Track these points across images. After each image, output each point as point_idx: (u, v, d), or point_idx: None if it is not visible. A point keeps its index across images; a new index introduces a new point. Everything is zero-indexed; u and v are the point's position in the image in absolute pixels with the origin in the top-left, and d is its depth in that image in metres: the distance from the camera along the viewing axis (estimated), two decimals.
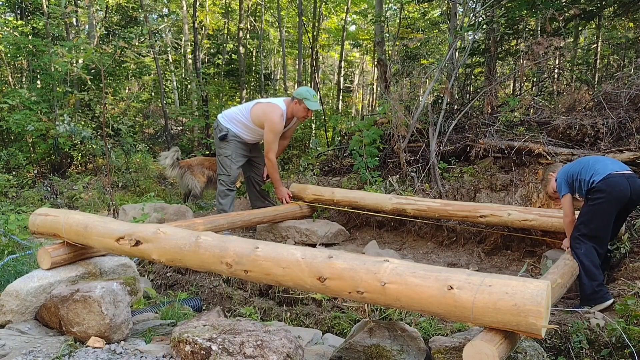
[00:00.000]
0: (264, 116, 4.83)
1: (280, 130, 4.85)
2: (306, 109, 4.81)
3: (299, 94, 4.81)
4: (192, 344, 2.20)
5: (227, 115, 5.09)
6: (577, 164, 3.36)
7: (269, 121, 4.79)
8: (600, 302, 3.04)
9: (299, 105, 4.82)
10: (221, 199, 5.08)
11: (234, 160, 5.04)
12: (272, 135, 4.80)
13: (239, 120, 4.98)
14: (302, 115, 4.89)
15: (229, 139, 4.98)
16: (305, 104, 4.76)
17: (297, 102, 4.81)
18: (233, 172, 5.05)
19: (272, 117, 4.79)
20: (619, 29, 8.64)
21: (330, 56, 19.50)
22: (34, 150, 10.65)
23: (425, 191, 5.21)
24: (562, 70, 7.38)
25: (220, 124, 5.05)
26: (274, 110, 4.81)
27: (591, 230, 3.13)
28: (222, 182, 5.08)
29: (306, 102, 4.76)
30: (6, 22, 11.95)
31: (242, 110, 5.01)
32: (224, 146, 5.03)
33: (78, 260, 3.23)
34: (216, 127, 5.13)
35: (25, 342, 2.57)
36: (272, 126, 4.78)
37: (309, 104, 4.76)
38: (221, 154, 5.06)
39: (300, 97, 4.78)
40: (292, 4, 15.72)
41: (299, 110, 4.84)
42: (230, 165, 5.03)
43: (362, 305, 3.42)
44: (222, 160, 5.06)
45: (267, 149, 4.83)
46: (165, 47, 14.58)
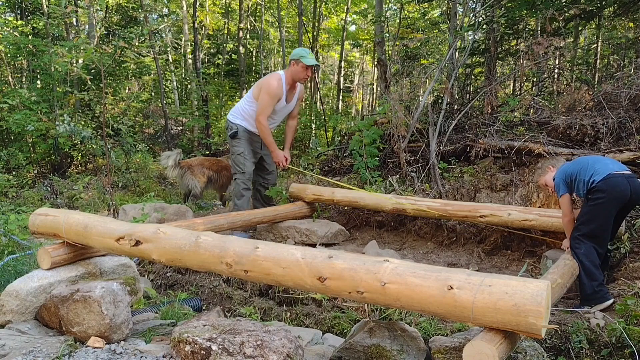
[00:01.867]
0: (262, 83, 4.74)
1: (277, 95, 4.68)
2: (305, 67, 4.66)
3: (294, 55, 4.69)
4: (192, 344, 2.20)
5: (233, 111, 5.02)
6: (576, 164, 3.35)
7: (265, 84, 4.69)
8: (600, 302, 3.04)
9: (296, 66, 4.67)
10: (237, 200, 4.97)
11: (246, 157, 4.94)
12: (267, 97, 4.65)
13: (244, 110, 4.89)
14: (302, 76, 4.74)
15: (239, 135, 4.89)
16: (302, 61, 4.63)
17: (294, 63, 4.67)
18: (247, 168, 4.94)
19: (268, 80, 4.70)
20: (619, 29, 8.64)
21: (330, 56, 19.49)
22: (34, 150, 10.65)
23: (425, 191, 5.21)
24: (562, 70, 7.37)
25: (230, 122, 4.98)
26: (271, 75, 4.78)
27: (591, 230, 3.13)
28: (238, 181, 4.97)
29: (303, 59, 4.63)
30: (6, 22, 11.94)
31: (245, 98, 4.96)
32: (235, 144, 4.94)
33: (78, 260, 3.23)
34: (227, 126, 5.07)
35: (25, 342, 2.57)
36: (268, 88, 4.65)
37: (306, 60, 4.63)
38: (234, 152, 4.98)
39: (296, 56, 4.65)
40: (292, 4, 15.72)
41: (298, 71, 4.69)
42: (243, 162, 4.92)
43: (362, 305, 3.42)
44: (235, 158, 4.97)
45: (260, 111, 4.67)
46: (165, 47, 14.58)
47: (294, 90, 4.92)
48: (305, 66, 4.66)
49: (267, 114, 4.68)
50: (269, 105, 4.65)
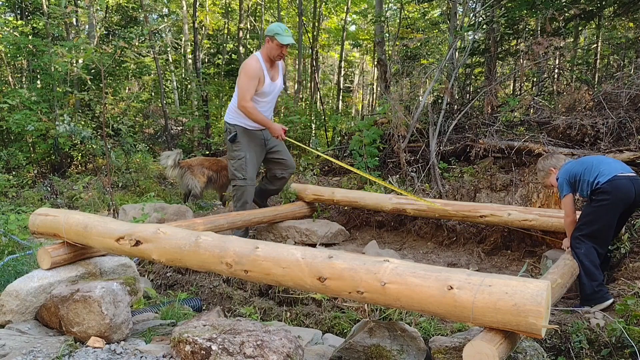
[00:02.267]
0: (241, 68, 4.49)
1: (255, 74, 4.37)
2: (279, 45, 4.36)
3: (268, 31, 4.40)
4: (192, 344, 2.20)
5: (228, 111, 4.73)
6: (580, 163, 3.33)
7: (243, 66, 4.43)
8: (600, 302, 3.04)
9: (271, 43, 4.39)
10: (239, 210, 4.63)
11: (249, 161, 4.59)
12: (244, 78, 4.35)
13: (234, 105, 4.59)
14: (276, 54, 4.43)
15: (239, 138, 4.56)
16: (278, 39, 4.33)
17: (269, 39, 4.39)
18: (250, 174, 4.59)
19: (246, 62, 4.46)
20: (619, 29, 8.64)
21: (330, 56, 19.49)
22: (34, 150, 10.65)
23: (425, 191, 5.21)
24: (562, 70, 7.37)
25: (227, 124, 4.67)
26: (250, 57, 4.53)
27: (593, 231, 3.12)
28: (239, 189, 4.63)
29: (278, 37, 4.33)
30: (6, 22, 11.94)
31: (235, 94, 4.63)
32: (236, 148, 4.60)
33: (78, 260, 3.23)
34: (225, 129, 4.74)
35: (25, 342, 2.57)
36: (245, 68, 4.38)
37: (281, 38, 4.33)
38: (234, 157, 4.61)
39: (271, 33, 4.36)
40: (292, 4, 15.72)
41: (273, 48, 4.39)
42: (245, 168, 4.56)
43: (362, 305, 3.42)
44: (236, 164, 4.60)
45: (241, 95, 4.36)
46: (165, 47, 14.58)
47: (276, 68, 4.61)
48: (280, 44, 4.37)
49: (250, 96, 4.37)
50: (249, 87, 4.35)
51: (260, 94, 4.48)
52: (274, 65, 4.56)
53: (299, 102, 12.74)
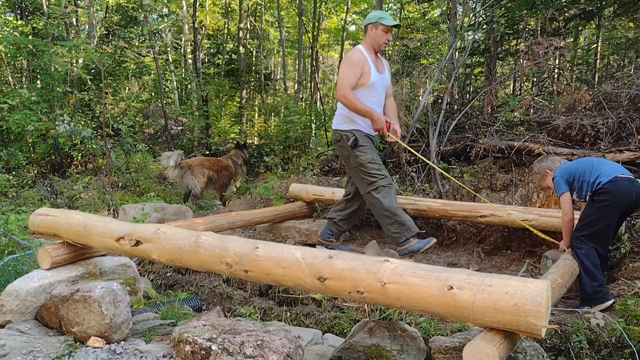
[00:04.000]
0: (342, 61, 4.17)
1: (359, 62, 4.01)
2: (385, 30, 4.03)
3: (370, 19, 4.07)
4: (192, 344, 2.20)
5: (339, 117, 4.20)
6: (578, 164, 3.33)
7: (345, 57, 4.13)
8: (600, 302, 3.04)
9: (375, 30, 4.04)
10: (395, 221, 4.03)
11: (377, 160, 4.13)
12: (346, 65, 4.00)
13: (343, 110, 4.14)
14: (382, 40, 4.07)
15: (361, 142, 4.09)
16: (383, 22, 4.00)
17: (372, 27, 4.06)
18: (385, 171, 4.15)
19: (348, 55, 4.13)
20: (619, 29, 8.64)
21: (330, 56, 19.48)
22: (34, 150, 10.66)
23: (425, 191, 5.21)
24: (562, 70, 7.37)
25: (342, 132, 4.15)
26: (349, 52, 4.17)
27: (595, 231, 3.11)
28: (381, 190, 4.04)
29: (382, 20, 4.01)
30: (6, 22, 11.95)
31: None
32: (360, 153, 4.08)
33: (78, 260, 3.23)
34: (339, 139, 4.17)
35: (25, 342, 2.57)
36: (348, 58, 4.05)
37: (386, 21, 4.01)
38: (362, 162, 4.07)
39: (374, 19, 4.04)
40: (292, 4, 15.72)
41: (378, 35, 4.04)
42: (379, 168, 4.09)
43: (362, 305, 3.42)
44: (367, 168, 4.06)
45: (340, 84, 3.97)
46: (165, 47, 14.59)
47: (380, 61, 4.24)
48: (387, 28, 4.03)
49: (351, 85, 3.96)
50: (350, 76, 3.96)
51: (368, 86, 4.05)
52: (377, 58, 4.22)
53: (299, 102, 12.75)
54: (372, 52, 4.11)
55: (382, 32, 4.06)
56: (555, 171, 3.39)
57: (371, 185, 4.05)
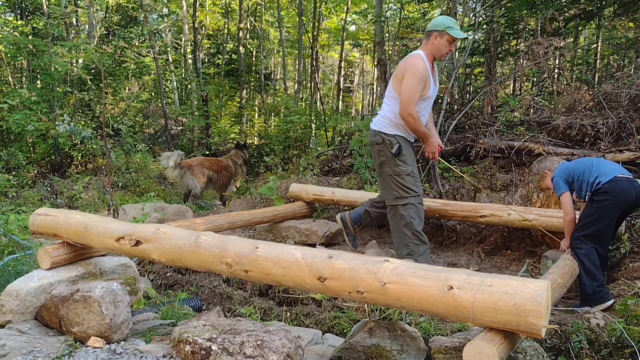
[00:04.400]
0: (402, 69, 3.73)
1: (424, 76, 3.68)
2: (450, 41, 3.70)
3: (437, 25, 3.70)
4: (192, 344, 2.20)
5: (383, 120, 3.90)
6: (578, 163, 3.33)
7: (408, 67, 3.68)
8: (600, 302, 3.04)
9: (440, 39, 3.69)
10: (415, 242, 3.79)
11: (416, 175, 3.86)
12: (414, 79, 3.62)
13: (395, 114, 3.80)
14: (446, 51, 3.76)
15: (404, 151, 3.81)
16: (450, 33, 3.66)
17: (437, 35, 3.69)
18: (420, 188, 3.87)
19: (410, 62, 3.71)
20: (619, 29, 8.64)
21: (330, 56, 19.49)
22: (34, 150, 10.67)
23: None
24: (562, 70, 7.38)
25: (385, 135, 3.83)
26: (410, 57, 3.77)
27: (595, 231, 3.11)
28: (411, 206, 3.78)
29: (450, 31, 3.66)
30: (6, 22, 11.96)
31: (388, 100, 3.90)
32: (400, 163, 3.79)
33: (78, 260, 3.23)
34: (381, 141, 3.85)
35: (25, 342, 2.57)
36: (413, 69, 3.64)
37: (455, 32, 3.67)
38: (400, 172, 3.79)
39: (440, 27, 3.68)
40: (292, 4, 15.73)
41: (442, 45, 3.70)
42: (415, 183, 3.82)
43: (362, 305, 3.42)
44: (405, 180, 3.79)
45: (407, 99, 3.61)
46: (165, 47, 14.59)
47: (434, 71, 3.91)
48: (453, 39, 3.70)
49: (416, 102, 3.65)
50: (417, 91, 3.64)
51: (425, 99, 3.79)
52: (433, 67, 3.90)
53: (299, 102, 12.75)
54: (430, 61, 3.79)
55: (447, 42, 3.72)
56: (554, 172, 3.39)
57: (400, 200, 3.80)
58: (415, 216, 3.79)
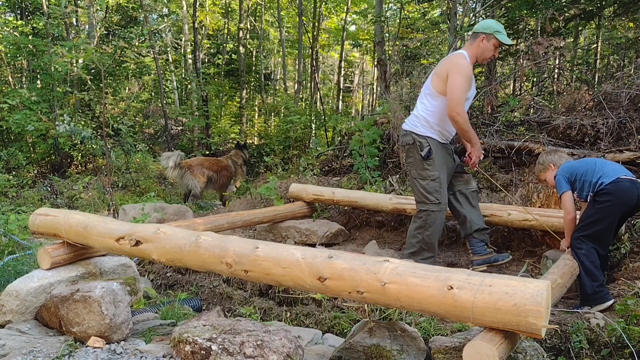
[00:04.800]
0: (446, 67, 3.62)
1: (470, 77, 3.62)
2: (497, 45, 3.64)
3: (485, 28, 3.62)
4: (192, 344, 2.20)
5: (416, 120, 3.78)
6: (581, 163, 3.33)
7: (453, 65, 3.59)
8: (600, 302, 3.04)
9: (486, 42, 3.62)
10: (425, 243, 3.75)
11: (442, 183, 3.72)
12: (461, 79, 3.52)
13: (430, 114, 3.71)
14: (490, 55, 3.69)
15: (434, 154, 3.69)
16: (498, 38, 3.59)
17: (484, 38, 3.61)
18: (444, 198, 3.74)
19: (455, 61, 3.63)
20: (619, 29, 8.64)
21: (330, 56, 19.49)
22: (34, 150, 10.67)
23: None
24: (562, 70, 7.37)
25: (416, 136, 3.72)
26: (454, 56, 3.71)
27: (595, 232, 3.11)
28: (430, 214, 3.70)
29: (499, 35, 3.59)
30: (6, 22, 11.96)
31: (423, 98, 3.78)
32: (429, 166, 3.69)
33: (78, 260, 3.23)
34: (411, 142, 3.74)
35: (25, 342, 2.57)
36: (459, 69, 3.55)
37: (503, 37, 3.61)
38: (426, 176, 3.70)
39: (489, 30, 3.60)
40: (292, 4, 15.73)
41: (488, 48, 3.63)
42: (439, 190, 3.70)
43: (362, 305, 3.42)
44: (429, 185, 3.69)
45: (456, 100, 3.49)
46: (165, 47, 14.59)
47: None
48: (499, 44, 3.65)
49: (464, 101, 3.56)
50: (464, 90, 3.54)
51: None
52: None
53: (299, 102, 12.75)
54: (472, 62, 3.71)
55: (493, 46, 3.66)
56: (558, 168, 3.38)
57: (421, 204, 3.75)
58: (432, 223, 3.71)
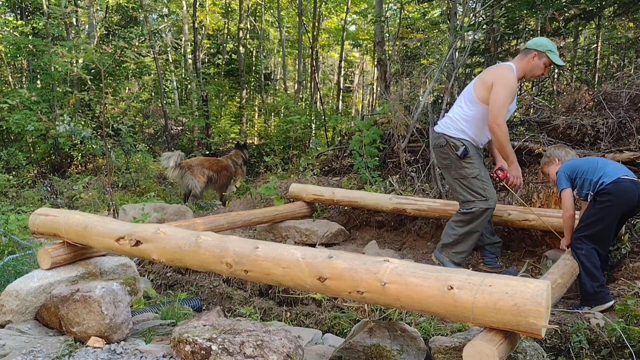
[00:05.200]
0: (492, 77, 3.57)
1: (514, 91, 3.60)
2: (548, 64, 3.60)
3: (539, 45, 3.57)
4: (192, 344, 2.20)
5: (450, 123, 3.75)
6: (584, 161, 3.33)
7: (500, 76, 3.54)
8: (601, 303, 3.04)
9: (537, 60, 3.57)
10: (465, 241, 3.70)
11: (485, 179, 3.68)
12: (506, 92, 3.48)
13: (466, 119, 3.69)
14: (539, 73, 3.66)
15: (470, 153, 3.67)
16: (551, 58, 3.55)
17: (536, 55, 3.56)
18: (491, 193, 3.69)
19: (501, 72, 3.58)
20: (619, 29, 8.64)
21: (330, 56, 19.50)
22: (34, 150, 10.67)
23: (425, 191, 5.21)
24: (562, 70, 7.38)
25: (451, 139, 3.69)
26: (502, 67, 3.65)
27: (595, 232, 3.11)
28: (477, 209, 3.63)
29: (551, 55, 3.54)
30: (6, 22, 11.96)
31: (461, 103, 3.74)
32: (467, 165, 3.67)
33: (78, 260, 3.23)
34: (444, 144, 3.72)
35: (25, 342, 2.57)
36: (506, 81, 3.50)
37: (556, 58, 3.55)
38: (466, 175, 3.67)
39: (542, 48, 3.55)
40: (292, 4, 15.73)
41: (538, 66, 3.59)
42: (483, 187, 3.65)
43: (362, 305, 3.42)
44: (471, 183, 3.66)
45: (497, 110, 3.45)
46: (165, 47, 14.59)
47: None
48: (550, 63, 3.61)
49: (505, 114, 3.52)
50: (507, 103, 3.50)
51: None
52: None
53: (299, 102, 12.75)
54: (519, 77, 3.68)
55: (544, 65, 3.61)
56: (562, 163, 3.38)
57: (467, 204, 3.68)
58: (477, 218, 3.65)
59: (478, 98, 3.62)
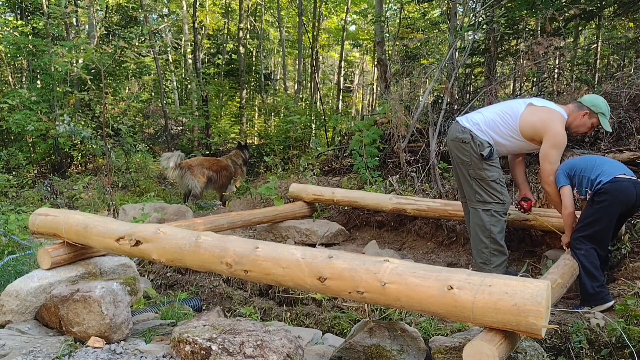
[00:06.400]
0: (543, 126, 3.47)
1: (564, 145, 3.51)
2: (595, 125, 3.54)
3: (595, 106, 3.48)
4: (192, 344, 2.20)
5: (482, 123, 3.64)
6: (582, 160, 3.34)
7: (552, 132, 3.44)
8: (601, 303, 3.04)
9: (587, 118, 3.50)
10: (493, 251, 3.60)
11: (502, 183, 3.65)
12: (555, 152, 3.44)
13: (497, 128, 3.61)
14: (582, 131, 3.61)
15: (495, 156, 3.61)
16: (600, 120, 3.48)
17: (587, 114, 3.49)
18: (507, 197, 3.66)
19: (555, 127, 3.44)
20: (619, 29, 8.64)
21: (330, 56, 19.50)
22: (34, 150, 10.66)
23: (425, 191, 5.21)
24: (562, 70, 7.37)
25: (477, 137, 3.59)
26: (555, 118, 3.49)
27: (594, 232, 3.11)
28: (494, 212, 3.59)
29: (602, 118, 3.47)
30: (6, 22, 11.96)
31: (504, 117, 3.61)
32: (488, 167, 3.58)
33: (78, 260, 3.23)
34: (469, 140, 3.59)
35: (25, 342, 2.57)
36: (557, 140, 3.43)
37: (604, 122, 3.48)
38: (487, 177, 3.58)
39: (596, 108, 3.47)
40: (292, 4, 15.73)
41: (585, 125, 3.53)
42: (501, 191, 3.61)
43: (362, 305, 3.42)
44: (489, 185, 3.59)
45: (549, 170, 3.41)
46: (165, 47, 14.58)
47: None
48: (597, 124, 3.53)
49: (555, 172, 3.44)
50: (556, 162, 3.46)
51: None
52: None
53: (299, 102, 12.75)
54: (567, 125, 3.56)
55: (591, 125, 3.55)
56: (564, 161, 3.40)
57: (484, 205, 3.62)
58: (497, 224, 3.60)
59: (522, 133, 3.56)
